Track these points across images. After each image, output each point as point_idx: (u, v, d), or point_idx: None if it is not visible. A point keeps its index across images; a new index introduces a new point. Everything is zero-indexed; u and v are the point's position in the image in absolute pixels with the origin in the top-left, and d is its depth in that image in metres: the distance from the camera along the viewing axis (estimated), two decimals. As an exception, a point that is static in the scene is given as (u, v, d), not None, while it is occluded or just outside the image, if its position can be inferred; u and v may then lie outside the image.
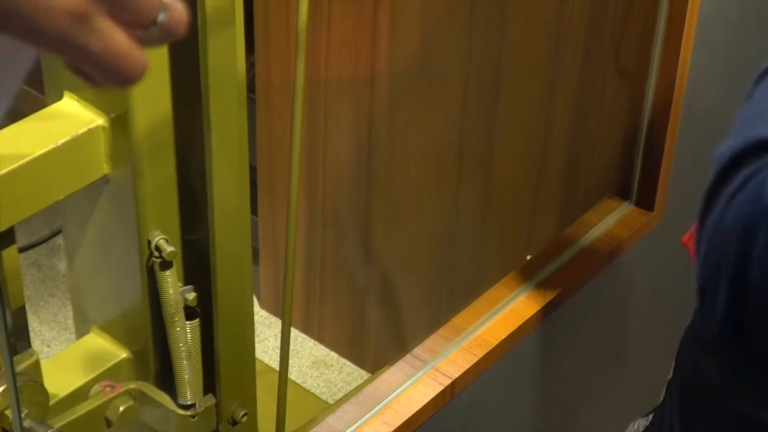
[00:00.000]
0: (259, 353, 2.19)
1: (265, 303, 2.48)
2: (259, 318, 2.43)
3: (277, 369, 1.51)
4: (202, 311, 1.31)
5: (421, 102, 2.03)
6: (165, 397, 1.33)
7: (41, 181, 1.16)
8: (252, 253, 1.36)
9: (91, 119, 1.18)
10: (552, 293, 1.76)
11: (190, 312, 1.30)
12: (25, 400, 1.20)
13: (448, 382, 1.59)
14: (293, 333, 2.35)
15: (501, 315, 1.70)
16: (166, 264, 1.25)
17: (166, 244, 1.24)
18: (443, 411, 1.60)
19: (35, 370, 1.25)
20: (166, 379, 1.34)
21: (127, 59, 0.53)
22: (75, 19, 0.50)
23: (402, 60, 1.99)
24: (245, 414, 1.40)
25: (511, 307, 1.71)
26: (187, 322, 1.29)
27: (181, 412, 1.33)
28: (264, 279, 2.44)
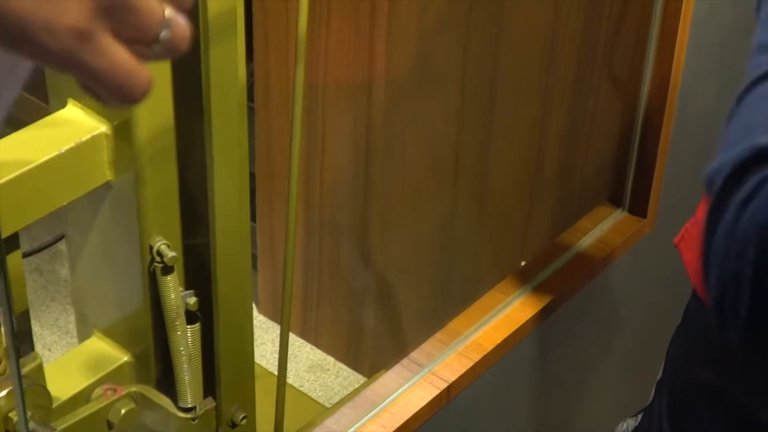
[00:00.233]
0: (257, 357, 2.18)
1: (263, 308, 2.48)
2: (257, 323, 2.43)
3: (275, 373, 1.52)
4: (202, 315, 1.32)
5: (418, 108, 2.03)
6: (166, 400, 1.33)
7: (45, 188, 1.17)
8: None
9: (95, 126, 1.19)
10: (546, 298, 1.78)
11: (190, 316, 1.30)
12: (29, 402, 1.20)
13: (444, 385, 1.60)
14: (290, 337, 2.35)
15: (496, 320, 1.71)
16: (167, 269, 1.26)
17: (167, 249, 1.25)
18: (440, 414, 1.61)
19: (38, 373, 1.26)
20: (166, 383, 1.34)
21: (132, 77, 0.53)
22: (79, 38, 0.51)
23: (399, 66, 2.00)
24: (244, 417, 1.41)
25: (507, 312, 1.73)
26: (188, 326, 1.30)
27: (182, 414, 1.34)
28: (262, 284, 2.45)
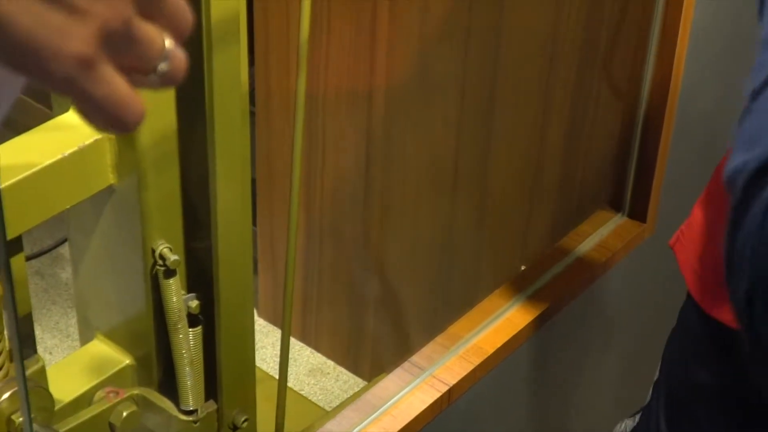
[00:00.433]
0: (258, 361, 2.18)
1: (263, 312, 2.48)
2: (258, 326, 2.44)
3: (275, 376, 1.52)
4: (204, 319, 1.32)
5: (418, 115, 2.03)
6: (168, 403, 1.34)
7: (48, 191, 1.17)
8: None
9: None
10: (546, 302, 1.78)
11: (192, 319, 1.31)
12: (31, 405, 1.20)
13: (445, 389, 1.60)
14: (291, 341, 2.36)
15: (497, 324, 1.71)
16: (169, 272, 1.26)
17: (170, 252, 1.25)
18: (440, 417, 1.62)
19: (41, 375, 1.26)
20: (168, 386, 1.35)
21: (127, 108, 0.54)
22: (81, 65, 0.52)
23: (399, 73, 2.00)
24: (246, 420, 1.41)
25: (507, 316, 1.73)
26: (190, 329, 1.30)
27: (184, 417, 1.34)
28: (262, 288, 2.45)
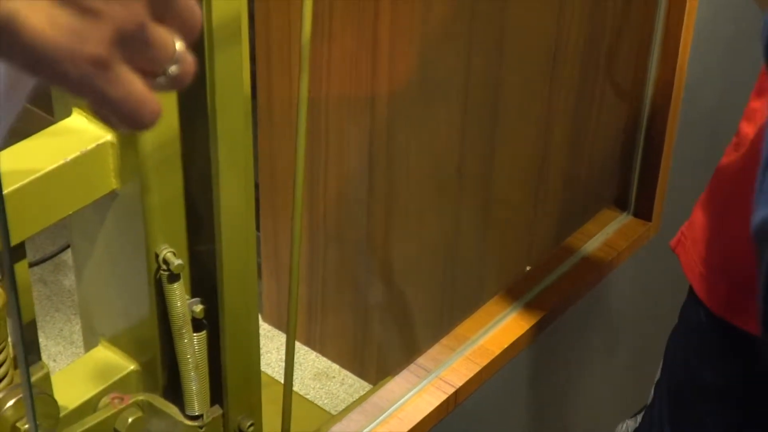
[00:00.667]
0: (263, 366, 2.18)
1: (268, 316, 2.48)
2: (262, 331, 2.43)
3: (281, 381, 1.51)
4: (208, 323, 1.32)
5: (421, 117, 2.03)
6: (173, 409, 1.33)
7: (50, 196, 1.17)
8: (255, 267, 1.36)
9: (100, 135, 1.19)
10: (552, 303, 1.78)
11: (197, 324, 1.30)
12: (36, 412, 1.20)
13: (451, 390, 1.60)
14: (296, 345, 2.36)
15: (503, 324, 1.71)
16: (173, 277, 1.26)
17: (173, 257, 1.25)
18: (447, 419, 1.61)
19: (45, 382, 1.26)
20: (173, 391, 1.34)
21: (143, 106, 0.55)
22: (97, 66, 0.53)
23: (402, 75, 2.00)
24: (252, 424, 1.40)
25: (513, 317, 1.73)
26: (195, 334, 1.30)
27: (189, 423, 1.33)
28: (267, 293, 2.45)
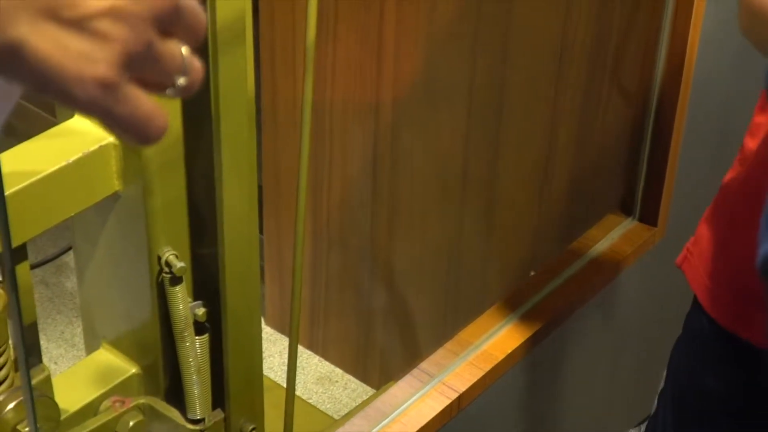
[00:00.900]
0: (265, 370, 2.17)
1: (270, 320, 2.48)
2: (265, 335, 2.43)
3: (283, 385, 1.51)
4: (210, 327, 1.31)
5: (426, 119, 2.03)
6: (174, 412, 1.33)
7: (53, 198, 1.17)
8: (257, 270, 1.36)
9: (102, 137, 1.19)
10: (557, 308, 1.77)
11: (199, 327, 1.30)
12: (37, 415, 1.20)
13: (455, 395, 1.59)
14: (298, 349, 2.35)
15: (507, 329, 1.70)
16: (175, 279, 1.25)
17: (176, 259, 1.24)
18: (450, 424, 1.61)
19: (46, 385, 1.25)
20: (175, 394, 1.34)
21: (150, 122, 0.55)
22: (104, 88, 0.53)
23: (407, 78, 1.99)
24: (253, 428, 1.40)
25: (517, 322, 1.72)
26: (197, 337, 1.29)
27: (191, 426, 1.33)
28: (269, 296, 2.45)
